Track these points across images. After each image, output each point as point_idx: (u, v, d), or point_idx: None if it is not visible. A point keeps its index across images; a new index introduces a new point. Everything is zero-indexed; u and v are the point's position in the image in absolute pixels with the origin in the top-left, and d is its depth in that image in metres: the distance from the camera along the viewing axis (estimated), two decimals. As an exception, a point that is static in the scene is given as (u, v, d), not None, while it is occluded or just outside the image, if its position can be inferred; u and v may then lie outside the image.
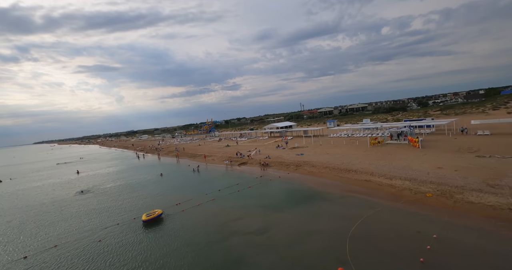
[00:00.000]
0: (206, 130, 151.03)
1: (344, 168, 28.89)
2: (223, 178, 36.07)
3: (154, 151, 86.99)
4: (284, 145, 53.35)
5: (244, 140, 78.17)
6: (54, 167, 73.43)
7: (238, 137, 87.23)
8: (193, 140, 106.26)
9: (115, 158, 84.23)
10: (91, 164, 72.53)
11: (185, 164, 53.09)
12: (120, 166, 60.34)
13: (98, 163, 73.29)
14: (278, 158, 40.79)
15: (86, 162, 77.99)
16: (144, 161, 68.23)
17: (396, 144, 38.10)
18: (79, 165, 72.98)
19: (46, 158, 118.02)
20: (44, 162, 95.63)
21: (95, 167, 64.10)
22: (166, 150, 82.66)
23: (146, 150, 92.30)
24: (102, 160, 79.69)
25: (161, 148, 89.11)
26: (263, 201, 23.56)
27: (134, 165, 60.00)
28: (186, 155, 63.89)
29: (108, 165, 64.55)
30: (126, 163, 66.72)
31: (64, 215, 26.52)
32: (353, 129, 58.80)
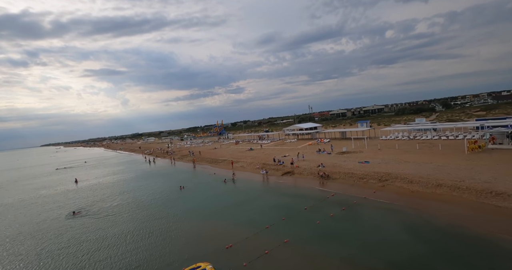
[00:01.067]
0: (216, 133, 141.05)
1: (479, 188, 18.29)
2: (272, 195, 25.67)
3: (165, 154, 76.86)
4: (327, 149, 42.89)
5: (267, 142, 67.86)
6: (52, 173, 63.50)
7: (258, 139, 76.88)
8: (206, 143, 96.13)
9: (121, 162, 74.25)
10: (94, 169, 62.55)
11: (206, 171, 42.83)
12: (127, 173, 50.23)
13: (102, 168, 63.31)
14: (336, 166, 30.31)
15: (89, 167, 68.05)
16: (155, 166, 58.10)
17: (507, 148, 27.46)
18: (81, 170, 63.04)
19: (48, 161, 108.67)
20: (45, 166, 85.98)
21: (98, 173, 54.05)
22: (178, 153, 72.52)
23: (156, 153, 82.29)
24: (107, 165, 69.73)
25: (173, 151, 79.04)
26: (386, 252, 13.10)
27: (144, 172, 49.85)
28: (204, 160, 53.63)
29: (114, 172, 54.49)
30: (134, 168, 56.62)
31: (41, 262, 16.24)
32: (404, 131, 48.15)
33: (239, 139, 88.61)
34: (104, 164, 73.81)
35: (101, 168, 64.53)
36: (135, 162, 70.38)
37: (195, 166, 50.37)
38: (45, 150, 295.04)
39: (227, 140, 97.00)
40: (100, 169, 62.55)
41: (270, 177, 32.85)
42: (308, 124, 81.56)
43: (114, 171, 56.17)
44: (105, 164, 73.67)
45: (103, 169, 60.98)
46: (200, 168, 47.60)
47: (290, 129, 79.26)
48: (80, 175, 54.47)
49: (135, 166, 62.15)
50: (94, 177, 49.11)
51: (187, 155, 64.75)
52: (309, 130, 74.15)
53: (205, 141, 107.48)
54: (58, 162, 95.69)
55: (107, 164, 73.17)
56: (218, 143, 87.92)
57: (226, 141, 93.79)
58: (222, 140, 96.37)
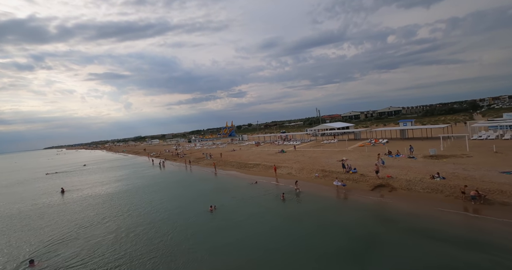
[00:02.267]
0: (226, 134, 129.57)
1: None
2: (413, 236, 13.62)
3: (176, 157, 65.04)
4: (401, 151, 31.10)
5: (297, 143, 56.13)
6: (40, 179, 51.71)
7: (284, 141, 65.10)
8: (218, 145, 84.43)
9: (124, 165, 62.54)
10: (92, 174, 50.80)
11: (237, 179, 31.13)
12: (131, 180, 38.51)
13: (102, 173, 51.58)
14: (467, 179, 18.66)
15: (86, 172, 56.31)
16: (166, 171, 46.35)
17: None
18: (75, 175, 51.31)
19: (45, 164, 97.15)
20: (37, 169, 74.30)
21: (95, 180, 42.32)
22: (191, 156, 60.77)
23: (164, 156, 70.57)
24: (107, 169, 58.03)
25: (183, 153, 67.31)
26: None
27: (154, 179, 38.08)
28: (228, 164, 41.83)
29: (115, 178, 42.75)
30: (140, 174, 44.85)
31: None
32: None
33: (256, 140, 76.89)
34: (105, 167, 62.09)
35: (100, 172, 52.78)
36: (141, 166, 58.63)
37: (217, 171, 38.68)
38: (47, 152, 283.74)
39: (243, 141, 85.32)
40: (99, 174, 50.80)
41: (352, 191, 21.06)
42: (338, 123, 70.09)
43: (115, 177, 44.42)
44: (105, 167, 61.95)
45: (102, 174, 49.23)
46: (226, 174, 35.83)
47: (317, 130, 67.73)
48: (73, 182, 42.76)
49: (141, 170, 50.38)
50: (88, 185, 37.39)
51: (202, 158, 52.98)
52: (342, 130, 62.68)
53: (217, 142, 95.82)
54: (55, 165, 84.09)
55: (108, 167, 61.46)
56: (233, 145, 76.20)
57: (242, 142, 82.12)
58: (236, 142, 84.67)
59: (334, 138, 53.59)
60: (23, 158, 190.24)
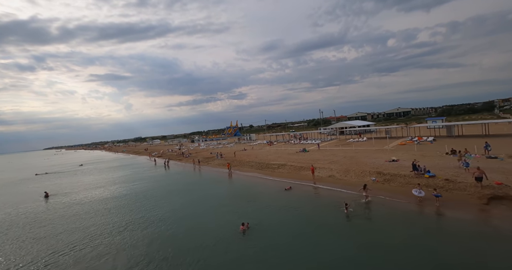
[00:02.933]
0: (231, 134, 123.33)
1: None
2: None
3: (181, 157, 58.56)
4: (480, 150, 24.77)
5: (315, 142, 49.79)
6: (28, 180, 45.18)
7: (301, 140, 58.71)
8: (225, 145, 78.07)
9: (124, 165, 56.07)
10: (86, 175, 44.36)
11: (258, 182, 24.80)
12: (132, 183, 32.13)
13: (98, 174, 45.16)
14: None
15: (80, 172, 49.84)
16: (172, 172, 39.96)
17: None
18: (67, 177, 44.89)
19: (40, 164, 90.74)
20: (30, 169, 67.75)
21: (89, 182, 35.92)
22: (197, 155, 54.36)
23: (168, 156, 64.14)
24: (105, 169, 51.59)
25: (188, 153, 60.88)
26: None
27: (159, 182, 31.67)
28: (245, 164, 35.39)
29: (112, 180, 36.36)
30: (142, 175, 38.45)
31: None
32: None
33: (268, 140, 70.51)
34: (102, 168, 55.65)
35: (96, 173, 46.35)
36: (142, 166, 52.21)
37: (233, 172, 32.33)
38: (46, 153, 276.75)
39: (251, 141, 78.97)
40: (94, 175, 44.37)
41: (451, 205, 14.67)
42: (357, 122, 63.92)
43: (112, 178, 38.02)
44: (103, 168, 55.52)
45: (97, 176, 42.81)
46: (244, 176, 29.49)
47: (335, 128, 61.50)
48: (63, 184, 36.34)
49: (143, 171, 43.96)
50: (79, 189, 30.98)
51: (212, 158, 46.57)
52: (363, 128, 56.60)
53: (223, 142, 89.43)
54: (50, 165, 77.67)
55: (105, 168, 55.03)
56: (242, 144, 69.85)
57: (250, 142, 75.76)
58: (245, 141, 78.26)
59: (360, 136, 47.29)
60: (20, 158, 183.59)
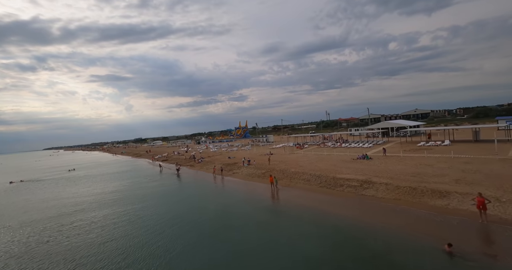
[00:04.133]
0: (240, 135, 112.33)
1: None
2: None
3: (191, 162, 47.13)
4: None
5: (370, 145, 38.82)
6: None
7: (338, 142, 47.64)
8: (239, 147, 67.02)
9: (122, 171, 44.71)
10: (71, 186, 32.97)
11: (352, 216, 13.91)
12: (131, 206, 21.10)
13: (86, 184, 33.78)
14: None
15: (65, 182, 38.49)
16: (186, 184, 28.90)
17: None
18: (49, 186, 33.56)
19: (29, 167, 79.67)
20: (11, 174, 56.48)
21: (66, 199, 24.54)
22: (213, 160, 43.15)
23: (174, 160, 52.94)
24: (97, 177, 40.23)
25: (200, 157, 49.65)
26: None
27: (170, 206, 20.65)
28: (293, 177, 24.46)
29: (102, 198, 25.04)
30: (145, 190, 27.11)
31: None
32: None
33: (293, 142, 59.38)
34: (95, 175, 44.38)
35: (84, 183, 35.06)
36: (144, 173, 40.97)
37: (278, 191, 21.34)
38: (43, 153, 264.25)
39: (269, 142, 67.92)
40: (81, 185, 33.10)
41: None
42: (403, 121, 53.19)
43: (103, 194, 26.78)
44: (95, 175, 44.25)
45: (84, 187, 31.54)
46: (308, 200, 18.50)
47: (379, 128, 50.62)
48: (29, 202, 25.15)
49: (146, 181, 32.71)
50: (43, 213, 19.89)
51: (235, 164, 35.44)
52: (414, 128, 45.84)
53: (236, 144, 78.30)
54: (37, 168, 66.50)
55: (99, 175, 43.76)
56: (261, 147, 58.80)
57: (268, 144, 64.71)
58: (263, 143, 67.10)
59: (429, 138, 36.35)
60: (14, 159, 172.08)
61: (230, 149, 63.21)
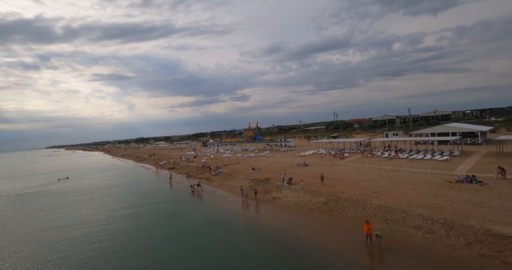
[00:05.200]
0: (250, 138, 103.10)
1: None
2: None
3: (203, 171, 37.87)
4: None
5: (445, 158, 29.63)
6: None
7: (394, 151, 38.44)
8: (257, 153, 57.87)
9: (119, 185, 35.76)
10: (42, 215, 24.01)
11: None
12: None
13: (66, 210, 24.80)
14: None
15: (38, 204, 29.62)
16: (216, 221, 19.93)
17: None
18: (22, 207, 24.69)
19: (18, 170, 71.31)
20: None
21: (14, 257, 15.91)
22: (234, 172, 33.98)
23: (182, 168, 43.84)
24: (86, 194, 31.13)
25: (216, 166, 40.50)
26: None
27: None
28: (399, 221, 15.41)
29: (77, 254, 16.37)
30: (156, 233, 18.30)
31: None
32: None
33: (325, 148, 50.06)
34: (84, 191, 35.40)
35: (71, 203, 26.04)
36: (149, 190, 31.83)
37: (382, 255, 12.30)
38: (44, 152, 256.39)
39: (290, 148, 58.77)
40: (63, 209, 24.12)
41: None
42: (465, 125, 43.84)
43: (90, 237, 17.87)
44: (85, 191, 35.24)
45: (67, 215, 22.57)
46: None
47: (428, 134, 41.30)
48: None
49: (155, 204, 23.71)
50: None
51: (269, 182, 26.35)
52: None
53: (249, 147, 69.08)
54: (25, 173, 57.87)
55: (89, 191, 34.76)
56: (283, 153, 49.64)
57: (289, 149, 55.50)
58: (284, 149, 57.87)
59: None
60: (9, 159, 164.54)
61: (247, 154, 54.12)
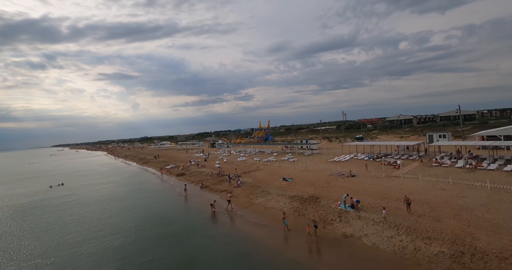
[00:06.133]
0: (261, 138, 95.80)
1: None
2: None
3: (222, 182, 30.36)
4: None
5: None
6: None
7: (463, 158, 30.85)
8: (276, 156, 50.60)
9: (122, 197, 28.90)
10: (17, 243, 17.32)
11: None
12: None
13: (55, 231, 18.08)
14: None
15: (19, 222, 22.92)
16: None
17: None
18: None
19: (12, 172, 65.53)
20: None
21: None
22: (261, 182, 26.76)
23: (196, 176, 36.86)
24: (74, 212, 24.31)
25: (236, 173, 33.32)
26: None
27: None
28: None
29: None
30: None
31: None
32: None
33: (365, 153, 42.50)
34: (81, 201, 28.62)
35: (51, 230, 19.30)
36: (158, 208, 24.83)
37: None
38: (49, 151, 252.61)
39: (312, 150, 51.31)
40: (40, 242, 17.33)
41: None
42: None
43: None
44: (82, 201, 28.48)
45: (39, 254, 15.79)
46: None
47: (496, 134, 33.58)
48: None
49: (172, 243, 16.68)
50: None
51: (319, 202, 19.13)
52: None
53: (267, 150, 61.67)
54: (17, 178, 51.76)
55: (85, 202, 27.99)
56: (307, 157, 42.34)
57: (313, 151, 48.07)
58: (308, 152, 50.41)
59: None
60: (10, 158, 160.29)
61: (265, 158, 46.89)
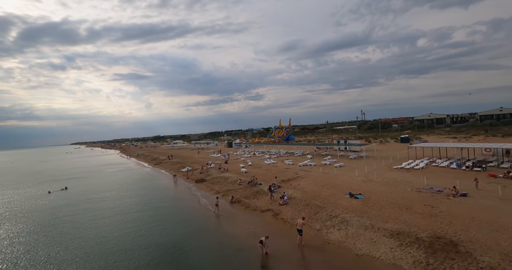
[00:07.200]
0: (282, 138, 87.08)
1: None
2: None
3: (258, 194, 21.71)
4: None
5: None
6: None
7: None
8: (311, 158, 41.88)
9: (131, 210, 21.46)
10: None
11: None
12: None
13: None
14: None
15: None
16: None
17: None
18: None
19: (19, 172, 60.88)
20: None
21: None
22: (315, 197, 18.23)
23: (221, 185, 29.04)
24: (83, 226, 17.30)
25: (277, 185, 25.08)
26: None
27: None
28: None
29: None
30: None
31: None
32: None
33: (438, 157, 33.00)
34: (82, 213, 21.44)
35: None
36: (181, 227, 17.09)
37: None
38: (66, 148, 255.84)
39: (356, 152, 42.11)
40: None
41: None
42: None
43: None
44: (83, 213, 21.33)
45: None
46: None
47: None
48: None
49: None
50: None
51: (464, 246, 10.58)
52: None
53: (295, 150, 52.84)
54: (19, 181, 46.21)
55: (80, 223, 20.80)
56: (353, 162, 33.40)
57: (354, 156, 38.89)
58: (353, 155, 41.22)
59: None
60: (27, 155, 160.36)
61: (299, 161, 38.28)
